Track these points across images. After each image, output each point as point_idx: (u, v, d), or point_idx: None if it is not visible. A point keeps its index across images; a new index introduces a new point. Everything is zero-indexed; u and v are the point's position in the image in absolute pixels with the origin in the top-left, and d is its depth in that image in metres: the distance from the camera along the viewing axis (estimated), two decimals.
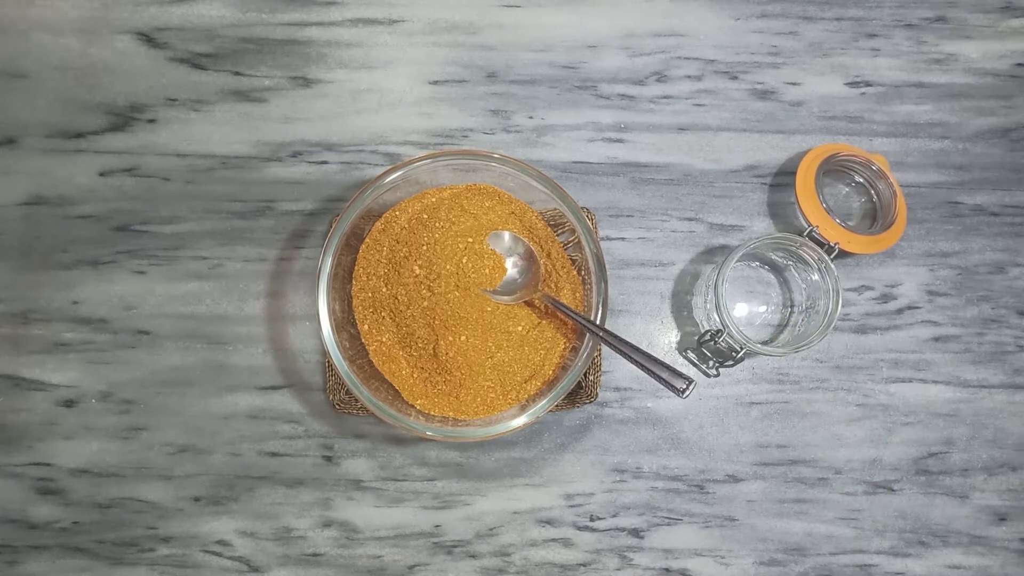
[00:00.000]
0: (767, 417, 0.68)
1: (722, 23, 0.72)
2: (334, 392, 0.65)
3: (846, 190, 0.70)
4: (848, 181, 0.70)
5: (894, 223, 0.66)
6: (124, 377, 0.67)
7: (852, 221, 0.69)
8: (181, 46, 0.70)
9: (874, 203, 0.69)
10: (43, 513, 0.66)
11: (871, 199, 0.69)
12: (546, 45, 0.71)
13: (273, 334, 0.67)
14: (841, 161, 0.67)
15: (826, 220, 0.64)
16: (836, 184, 0.70)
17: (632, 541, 0.66)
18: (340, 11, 0.71)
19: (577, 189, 0.69)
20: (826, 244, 0.64)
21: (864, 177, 0.69)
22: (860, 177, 0.69)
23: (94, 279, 0.68)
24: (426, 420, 0.59)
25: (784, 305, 0.68)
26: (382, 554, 0.66)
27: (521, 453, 0.67)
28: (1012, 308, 0.69)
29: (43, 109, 0.69)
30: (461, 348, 0.59)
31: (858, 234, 0.65)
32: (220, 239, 0.68)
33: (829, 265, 0.63)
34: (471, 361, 0.60)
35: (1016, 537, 0.67)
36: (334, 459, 0.66)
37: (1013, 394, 0.68)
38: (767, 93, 0.71)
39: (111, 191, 0.69)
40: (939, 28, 0.72)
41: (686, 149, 0.70)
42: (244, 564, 0.65)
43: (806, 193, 0.65)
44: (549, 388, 0.59)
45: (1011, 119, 0.71)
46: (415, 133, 0.70)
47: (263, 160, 0.69)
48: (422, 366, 0.61)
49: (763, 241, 0.63)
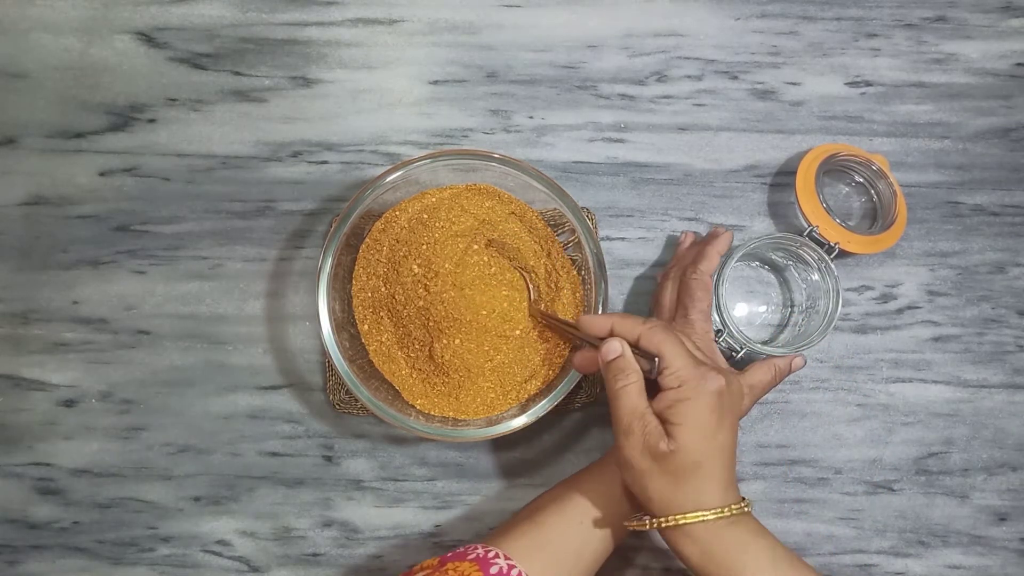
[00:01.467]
0: (767, 417, 0.68)
1: (722, 23, 0.72)
2: (334, 392, 0.65)
3: (846, 190, 0.70)
4: (848, 181, 0.70)
5: (894, 223, 0.66)
6: (124, 377, 0.67)
7: (852, 221, 0.69)
8: (181, 46, 0.70)
9: (874, 203, 0.69)
10: (43, 513, 0.66)
11: (871, 199, 0.69)
12: (546, 45, 0.71)
13: (273, 334, 0.67)
14: (841, 161, 0.67)
15: (826, 220, 0.64)
16: (836, 184, 0.70)
17: (632, 541, 0.66)
18: (340, 11, 0.71)
19: (577, 189, 0.69)
20: (826, 244, 0.64)
21: (864, 177, 0.69)
22: (860, 177, 0.69)
23: (94, 279, 0.68)
24: (426, 420, 0.59)
25: (784, 305, 0.68)
26: (382, 554, 0.66)
27: (521, 453, 0.67)
28: (1012, 308, 0.69)
29: (43, 109, 0.69)
30: (457, 351, 0.59)
31: (858, 234, 0.65)
32: (220, 239, 0.68)
33: (829, 265, 0.63)
34: (468, 364, 0.60)
35: (1016, 537, 0.67)
36: (334, 459, 0.66)
37: (1013, 394, 0.68)
38: (767, 93, 0.71)
39: (111, 191, 0.69)
40: (939, 28, 0.72)
41: (686, 149, 0.70)
42: (244, 564, 0.65)
43: (806, 193, 0.65)
44: (549, 388, 0.59)
45: (1011, 119, 0.71)
46: (415, 133, 0.70)
47: (263, 160, 0.69)
48: (420, 367, 0.61)
49: (763, 241, 0.63)
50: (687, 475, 0.48)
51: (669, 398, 0.49)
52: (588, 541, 0.54)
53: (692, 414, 0.48)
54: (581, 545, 0.54)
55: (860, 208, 0.70)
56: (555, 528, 0.54)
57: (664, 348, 0.50)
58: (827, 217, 0.65)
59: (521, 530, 0.54)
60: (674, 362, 0.49)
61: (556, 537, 0.54)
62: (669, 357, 0.49)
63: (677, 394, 0.49)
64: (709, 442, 0.48)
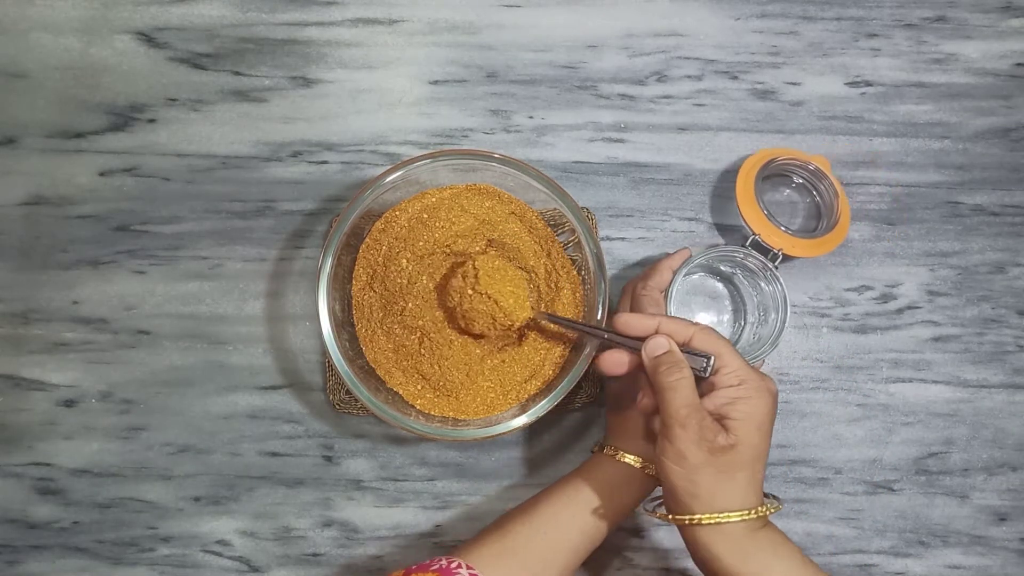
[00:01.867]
0: None
1: (722, 23, 0.72)
2: (334, 392, 0.65)
3: (787, 192, 0.69)
4: (790, 185, 0.69)
5: (838, 223, 0.65)
6: (124, 377, 0.67)
7: (796, 225, 0.69)
8: (181, 46, 0.70)
9: (818, 205, 0.68)
10: (43, 513, 0.66)
11: (814, 201, 0.69)
12: (546, 45, 0.71)
13: (273, 334, 0.67)
14: (780, 166, 0.66)
15: (768, 227, 0.64)
16: (779, 189, 0.70)
17: (632, 541, 0.66)
18: (340, 11, 0.71)
19: (577, 189, 0.69)
20: (771, 251, 0.64)
21: (805, 179, 0.68)
22: (801, 180, 0.68)
23: (94, 279, 0.68)
24: (426, 420, 0.59)
25: (737, 315, 0.68)
26: (382, 554, 0.66)
27: (521, 453, 0.67)
28: (1012, 308, 0.69)
29: (43, 109, 0.69)
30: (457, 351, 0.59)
31: (801, 238, 0.64)
32: (220, 239, 0.68)
33: (774, 272, 0.62)
34: (468, 364, 0.60)
35: (1016, 537, 0.67)
36: (334, 459, 0.66)
37: (1013, 394, 0.68)
38: (767, 93, 0.71)
39: (111, 191, 0.69)
40: (939, 28, 0.72)
41: (686, 149, 0.70)
42: (244, 564, 0.65)
43: (746, 201, 0.64)
44: (549, 388, 0.59)
45: (1011, 119, 0.71)
46: (415, 133, 0.70)
47: (263, 160, 0.69)
48: (420, 367, 0.61)
49: (709, 254, 0.62)
50: (737, 471, 0.49)
51: (728, 395, 0.50)
52: (556, 550, 0.54)
53: (752, 412, 0.49)
54: (549, 554, 0.54)
55: (804, 211, 0.69)
56: (520, 538, 0.54)
57: (721, 348, 0.51)
58: (768, 224, 0.64)
59: (486, 542, 0.55)
60: (732, 361, 0.50)
61: (521, 547, 0.54)
62: (727, 356, 0.50)
63: (737, 392, 0.49)
64: (763, 441, 0.50)
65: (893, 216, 0.70)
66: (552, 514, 0.55)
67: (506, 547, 0.54)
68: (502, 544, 0.54)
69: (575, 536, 0.55)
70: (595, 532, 0.56)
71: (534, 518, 0.55)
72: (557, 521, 0.55)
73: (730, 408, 0.49)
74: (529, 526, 0.55)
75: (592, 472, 0.57)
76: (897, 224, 0.70)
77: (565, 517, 0.55)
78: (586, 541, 0.56)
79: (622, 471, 0.57)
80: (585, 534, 0.55)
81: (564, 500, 0.56)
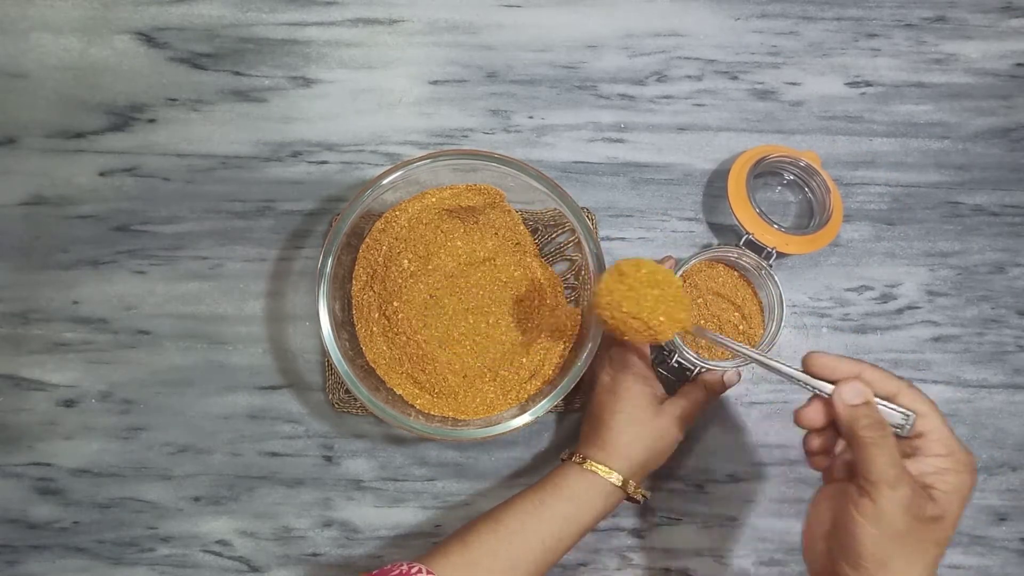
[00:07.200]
0: (767, 417, 0.67)
1: (722, 23, 0.72)
2: (334, 392, 0.65)
3: (779, 189, 0.69)
4: (782, 182, 0.69)
5: (830, 219, 0.65)
6: (124, 377, 0.67)
7: (789, 223, 0.69)
8: (181, 46, 0.70)
9: (810, 201, 0.68)
10: (43, 513, 0.66)
11: (806, 198, 0.69)
12: (546, 45, 0.71)
13: (273, 334, 0.67)
14: (772, 163, 0.66)
15: (761, 225, 0.63)
16: (772, 187, 0.69)
17: (632, 541, 0.66)
18: (340, 11, 0.71)
19: (577, 189, 0.69)
20: (764, 249, 0.63)
21: (796, 176, 0.68)
22: (792, 176, 0.68)
23: (94, 279, 0.68)
24: (426, 420, 0.59)
25: None
26: (382, 554, 0.66)
27: (521, 453, 0.67)
28: (1012, 308, 0.69)
29: (43, 109, 0.69)
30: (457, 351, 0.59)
31: (794, 235, 0.64)
32: (220, 239, 0.68)
33: (769, 271, 0.62)
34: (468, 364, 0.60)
35: (1016, 537, 0.67)
36: (334, 459, 0.66)
37: (1013, 394, 0.68)
38: (767, 93, 0.71)
39: (111, 191, 0.69)
40: (939, 28, 0.72)
41: (686, 149, 0.70)
42: (244, 564, 0.65)
43: (739, 200, 0.64)
44: (549, 388, 0.59)
45: (1011, 119, 0.71)
46: (415, 133, 0.70)
47: (263, 160, 0.69)
48: (420, 367, 0.61)
49: (702, 256, 0.62)
50: (932, 547, 0.45)
51: (936, 464, 0.46)
52: (520, 560, 0.54)
53: (961, 486, 0.45)
54: (512, 564, 0.54)
55: (796, 208, 0.69)
56: (484, 546, 0.54)
57: (928, 408, 0.47)
58: (761, 222, 0.64)
59: (448, 549, 0.54)
60: (940, 427, 0.46)
61: (484, 556, 0.54)
62: (934, 419, 0.46)
63: (945, 462, 0.46)
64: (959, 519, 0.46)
65: (893, 216, 0.70)
66: (519, 524, 0.55)
67: (470, 557, 0.54)
68: (466, 553, 0.54)
69: (538, 548, 0.55)
70: (559, 544, 0.55)
71: (499, 528, 0.55)
72: (524, 531, 0.55)
73: (937, 479, 0.45)
74: (495, 535, 0.55)
75: (559, 482, 0.57)
76: (897, 224, 0.70)
77: (531, 527, 0.55)
78: (549, 554, 0.55)
79: (590, 482, 0.56)
80: (549, 547, 0.55)
81: (530, 510, 0.56)
